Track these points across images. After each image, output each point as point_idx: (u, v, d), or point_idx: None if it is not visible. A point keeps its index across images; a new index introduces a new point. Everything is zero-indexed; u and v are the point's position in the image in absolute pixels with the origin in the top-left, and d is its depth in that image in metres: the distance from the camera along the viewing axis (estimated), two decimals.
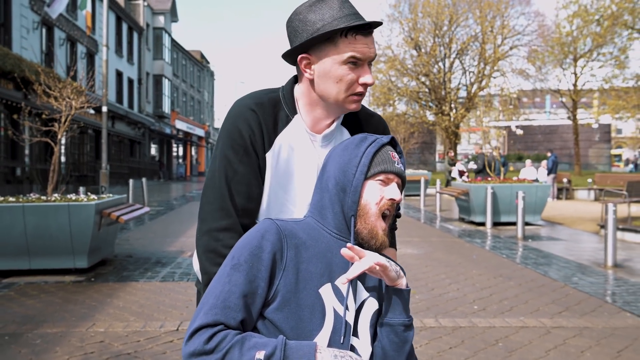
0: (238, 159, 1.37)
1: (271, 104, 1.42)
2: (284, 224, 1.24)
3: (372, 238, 1.26)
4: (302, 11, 1.37)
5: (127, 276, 6.10)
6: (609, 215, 7.12)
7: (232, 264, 1.19)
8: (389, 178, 1.28)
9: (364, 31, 1.32)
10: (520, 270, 6.78)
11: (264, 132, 1.39)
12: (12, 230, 5.81)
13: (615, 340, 4.13)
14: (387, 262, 1.22)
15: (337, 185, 1.27)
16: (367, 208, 1.25)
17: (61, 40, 20.18)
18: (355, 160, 1.27)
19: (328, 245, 1.26)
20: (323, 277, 1.22)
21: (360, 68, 1.34)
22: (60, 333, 4.07)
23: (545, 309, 4.97)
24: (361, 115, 1.53)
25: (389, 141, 1.33)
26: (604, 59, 24.95)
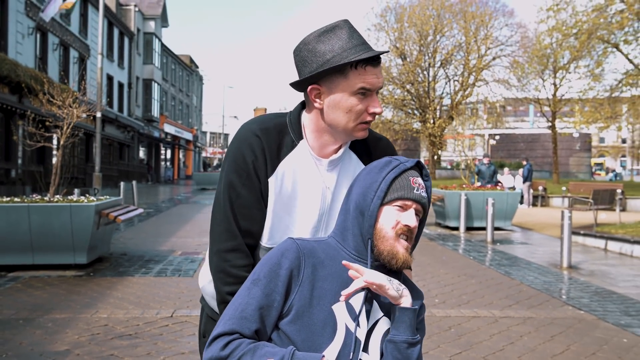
0: (241, 182, 1.42)
1: (277, 130, 1.45)
2: (304, 244, 1.32)
3: (392, 258, 1.29)
4: (311, 41, 1.38)
5: (123, 272, 6.67)
6: (565, 221, 7.81)
7: (253, 279, 1.29)
8: (406, 204, 1.31)
9: (373, 62, 1.36)
10: (484, 270, 7.44)
11: (267, 158, 1.42)
12: (18, 228, 6.35)
13: (552, 327, 4.78)
14: (387, 281, 1.25)
15: (357, 208, 1.32)
16: (384, 232, 1.29)
17: (54, 45, 20.68)
18: (375, 185, 1.31)
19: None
20: (338, 295, 1.27)
21: (369, 98, 1.37)
22: (68, 318, 4.63)
23: (497, 302, 5.62)
24: (369, 139, 1.54)
25: (413, 165, 1.36)
26: (581, 72, 25.90)
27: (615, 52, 23.54)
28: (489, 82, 33.21)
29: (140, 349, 3.91)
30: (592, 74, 23.99)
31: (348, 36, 1.36)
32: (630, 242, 9.12)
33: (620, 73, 24.22)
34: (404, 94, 33.36)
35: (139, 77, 34.69)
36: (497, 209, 11.39)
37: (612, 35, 22.74)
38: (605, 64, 27.05)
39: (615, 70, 24.68)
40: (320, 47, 1.36)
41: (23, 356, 3.70)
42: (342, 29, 1.37)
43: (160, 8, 36.43)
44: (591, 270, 7.65)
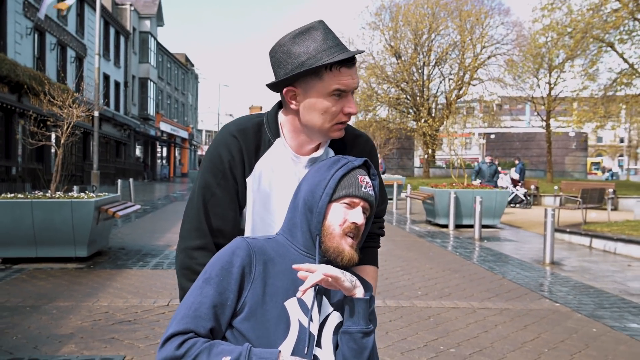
0: (216, 182, 1.45)
1: (254, 130, 1.47)
2: (254, 242, 1.33)
3: (338, 255, 1.31)
4: (286, 43, 1.38)
5: (121, 264, 6.95)
6: (548, 219, 8.12)
7: (204, 278, 1.28)
8: (354, 202, 1.33)
9: (348, 63, 1.36)
10: (468, 265, 7.75)
11: (244, 158, 1.45)
12: (22, 223, 6.62)
13: (527, 318, 5.08)
14: (341, 273, 1.28)
15: (305, 205, 1.34)
16: (331, 229, 1.32)
17: (52, 45, 20.96)
18: (323, 182, 1.33)
19: (295, 261, 1.32)
20: (289, 292, 1.30)
21: (344, 99, 1.38)
22: (71, 306, 4.92)
23: (477, 295, 5.92)
24: (348, 136, 1.55)
25: (361, 164, 1.39)
26: (575, 71, 26.25)
27: (610, 51, 23.84)
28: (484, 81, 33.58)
29: (139, 333, 4.20)
30: (587, 73, 24.33)
31: (323, 37, 1.36)
32: (614, 239, 9.44)
33: (615, 72, 24.56)
34: (398, 93, 33.63)
35: (135, 75, 34.90)
36: (485, 207, 11.71)
37: (607, 35, 23.03)
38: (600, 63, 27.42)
39: (610, 70, 24.93)
40: (295, 48, 1.36)
41: (31, 338, 3.99)
42: (317, 30, 1.37)
43: (155, 7, 36.66)
44: (573, 267, 7.96)
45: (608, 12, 22.18)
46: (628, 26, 22.66)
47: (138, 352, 3.77)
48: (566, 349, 4.19)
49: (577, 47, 23.65)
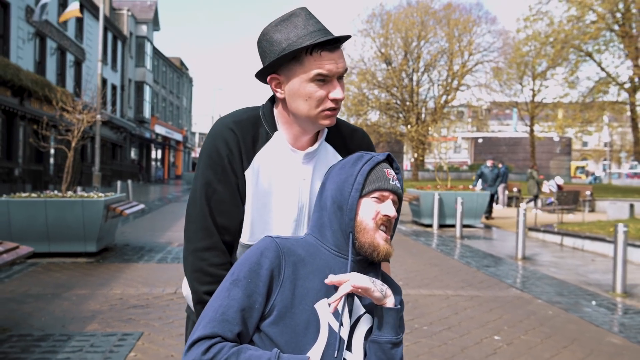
0: (217, 178, 1.40)
1: (250, 122, 1.44)
2: (283, 242, 1.29)
3: (374, 250, 1.28)
4: (269, 31, 1.37)
5: (128, 259, 7.57)
6: (520, 218, 8.81)
7: (232, 280, 1.24)
8: (383, 195, 1.31)
9: (329, 47, 1.33)
10: (447, 261, 8.42)
11: (242, 151, 1.41)
12: (36, 220, 7.22)
13: (494, 303, 5.75)
14: (371, 282, 1.25)
15: (334, 203, 1.31)
16: (364, 224, 1.29)
17: (52, 50, 21.56)
18: (351, 179, 1.30)
19: (326, 262, 1.29)
20: (319, 293, 1.26)
21: (329, 84, 1.35)
22: (88, 294, 5.53)
23: (452, 285, 6.59)
24: (344, 131, 1.54)
25: (385, 158, 1.37)
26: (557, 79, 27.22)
27: (589, 60, 24.82)
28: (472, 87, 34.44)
29: (153, 314, 4.83)
30: (567, 81, 25.26)
31: (304, 23, 1.34)
32: (582, 237, 10.16)
33: (593, 80, 25.54)
34: (388, 98, 34.37)
35: (131, 79, 35.49)
36: (467, 207, 12.41)
37: (586, 45, 24.02)
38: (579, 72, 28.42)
39: (589, 78, 25.94)
40: (277, 36, 1.35)
41: (58, 319, 4.60)
42: (298, 17, 1.36)
43: (152, 12, 37.29)
44: (542, 261, 8.66)
45: (587, 24, 23.11)
46: (605, 37, 23.66)
47: (154, 330, 4.39)
48: (523, 327, 4.86)
49: (558, 56, 24.59)
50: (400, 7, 34.61)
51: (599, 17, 22.34)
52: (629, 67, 24.05)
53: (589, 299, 6.05)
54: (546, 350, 4.22)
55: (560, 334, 4.68)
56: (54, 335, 4.12)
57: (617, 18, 23.20)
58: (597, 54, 24.25)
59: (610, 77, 24.20)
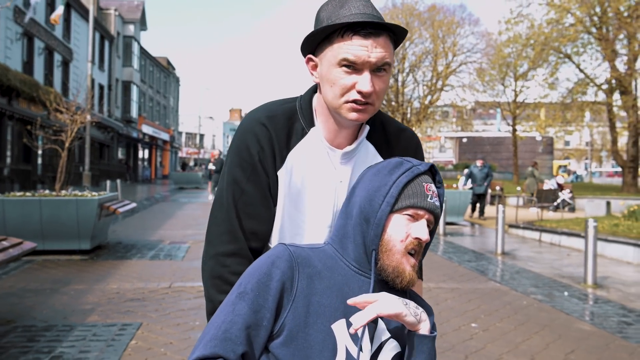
0: (246, 177, 1.28)
1: (285, 116, 1.31)
2: (298, 251, 1.16)
3: (397, 276, 1.14)
4: (321, 9, 1.27)
5: (121, 256, 7.79)
6: (498, 215, 9.18)
7: (238, 292, 1.12)
8: (418, 214, 1.15)
9: (364, 32, 1.18)
10: (430, 256, 8.74)
11: (275, 148, 1.29)
12: (30, 218, 7.42)
13: (472, 295, 6.08)
14: (404, 306, 1.09)
15: (361, 214, 1.17)
16: (391, 244, 1.14)
17: (40, 50, 21.62)
18: (384, 189, 1.15)
19: (345, 278, 1.16)
20: (337, 312, 1.13)
21: (359, 73, 1.20)
22: (86, 288, 5.77)
23: (434, 279, 6.91)
24: (390, 129, 1.40)
25: (427, 169, 1.21)
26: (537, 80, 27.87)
27: (568, 62, 25.47)
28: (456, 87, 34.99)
29: (149, 307, 5.09)
30: (547, 83, 25.90)
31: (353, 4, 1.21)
32: (558, 233, 10.58)
33: (572, 82, 26.25)
34: None
35: (118, 79, 35.49)
36: (450, 205, 12.79)
37: (565, 47, 24.67)
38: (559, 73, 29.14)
39: (568, 80, 26.64)
40: (322, 14, 1.24)
41: (59, 312, 4.84)
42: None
43: (139, 12, 37.30)
44: (520, 256, 9.04)
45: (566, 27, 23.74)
46: (583, 39, 24.35)
47: (152, 320, 4.65)
48: (498, 315, 5.20)
49: (538, 58, 25.23)
50: (386, 8, 34.98)
51: (577, 21, 22.96)
52: (606, 69, 24.76)
53: (562, 290, 6.41)
54: (518, 335, 4.55)
55: (533, 321, 5.02)
56: (57, 326, 4.37)
57: (594, 21, 23.86)
58: (576, 56, 24.91)
59: (588, 79, 24.87)
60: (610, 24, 23.44)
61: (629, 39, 23.23)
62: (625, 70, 23.52)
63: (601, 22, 23.59)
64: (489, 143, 45.93)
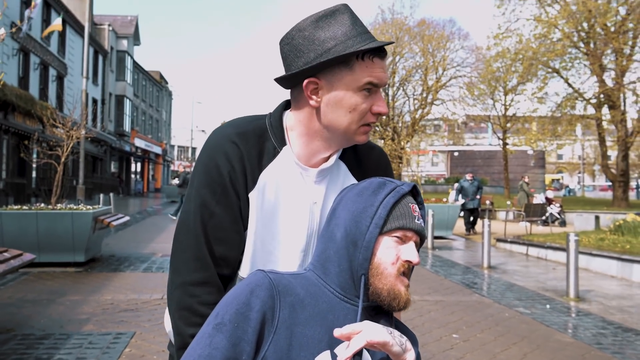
0: (215, 199, 1.20)
1: (256, 134, 1.25)
2: (279, 278, 1.09)
3: (394, 299, 1.09)
4: (307, 27, 1.19)
5: (115, 268, 7.96)
6: (485, 229, 9.43)
7: (215, 323, 1.04)
8: (407, 236, 1.11)
9: (381, 54, 1.19)
10: (417, 269, 8.94)
11: (246, 168, 1.22)
12: (27, 231, 7.58)
13: (456, 307, 6.29)
14: (389, 335, 1.02)
15: (347, 236, 1.10)
16: (382, 268, 1.08)
17: (35, 65, 21.91)
18: (371, 210, 1.10)
19: (330, 305, 1.09)
20: (322, 343, 1.06)
21: (374, 96, 1.20)
22: (81, 299, 5.93)
23: (420, 291, 7.12)
24: (361, 148, 1.36)
25: (410, 190, 1.17)
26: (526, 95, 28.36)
27: (557, 76, 25.96)
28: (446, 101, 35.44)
29: (142, 317, 5.26)
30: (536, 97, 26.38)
31: (351, 22, 1.19)
32: (545, 247, 10.83)
33: (561, 96, 26.75)
34: None
35: (111, 93, 35.73)
36: (438, 219, 13.02)
37: (553, 62, 25.17)
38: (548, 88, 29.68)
39: (556, 94, 27.15)
40: (320, 33, 1.17)
41: (56, 321, 5.01)
42: (343, 14, 1.20)
43: (132, 27, 37.68)
44: (506, 269, 9.27)
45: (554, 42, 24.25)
46: (571, 54, 24.86)
47: (145, 329, 4.82)
48: (480, 327, 5.40)
49: (527, 72, 25.71)
50: (376, 23, 35.46)
51: (564, 36, 23.45)
52: (594, 83, 25.26)
53: (544, 303, 6.63)
54: (497, 346, 4.76)
55: (513, 332, 5.23)
56: (55, 335, 4.53)
57: (582, 36, 24.34)
58: (564, 71, 25.39)
59: (577, 93, 25.34)
60: (597, 39, 23.88)
61: (616, 54, 23.58)
62: (614, 84, 23.85)
63: (588, 37, 24.02)
64: (481, 157, 46.38)
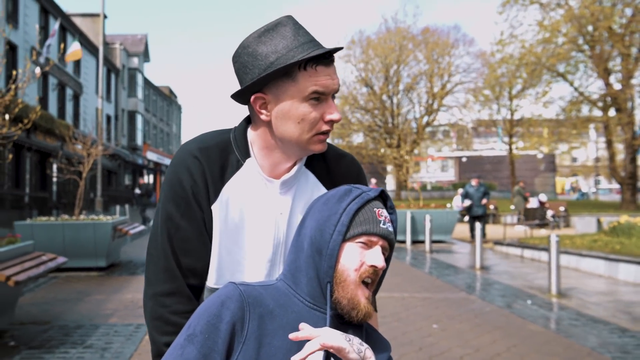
0: (180, 213, 1.24)
1: (219, 148, 1.27)
2: (249, 290, 1.11)
3: (353, 309, 1.10)
4: (251, 43, 1.19)
5: (133, 272, 8.72)
6: (477, 232, 10.05)
7: (187, 334, 1.07)
8: (371, 241, 1.12)
9: (325, 60, 1.17)
10: (411, 271, 9.59)
11: (208, 182, 1.24)
12: (54, 239, 8.37)
13: (442, 303, 6.90)
14: (346, 342, 1.05)
15: (312, 245, 1.13)
16: (345, 275, 1.10)
17: (53, 86, 23.20)
18: (335, 217, 1.12)
19: (299, 315, 1.11)
20: (290, 353, 1.07)
21: (324, 103, 1.19)
22: (105, 298, 6.67)
23: (410, 289, 7.73)
24: (330, 156, 1.36)
25: (377, 195, 1.18)
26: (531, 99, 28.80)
27: (561, 80, 26.29)
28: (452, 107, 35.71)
29: None
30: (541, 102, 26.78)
31: (293, 33, 1.18)
32: (539, 249, 11.39)
33: (565, 100, 27.09)
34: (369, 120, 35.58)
35: (124, 109, 36.96)
36: (437, 224, 13.64)
37: (558, 65, 25.51)
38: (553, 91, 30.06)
39: (561, 98, 27.45)
40: (262, 48, 1.18)
41: (85, 315, 5.75)
42: (285, 26, 1.19)
43: (142, 45, 39.09)
44: (498, 270, 9.85)
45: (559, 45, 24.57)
46: (576, 57, 25.20)
47: None
48: (459, 319, 6.00)
49: (531, 77, 26.10)
50: (380, 32, 35.90)
51: (568, 40, 23.77)
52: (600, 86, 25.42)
53: (525, 299, 7.19)
54: (472, 334, 5.35)
55: (489, 324, 5.79)
56: (85, 326, 5.28)
57: (587, 39, 24.44)
58: (569, 75, 25.62)
59: (583, 96, 25.59)
60: (602, 42, 24.00)
61: (623, 57, 23.63)
62: (620, 87, 23.85)
63: (593, 41, 24.15)
64: (489, 162, 46.66)
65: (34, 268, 4.74)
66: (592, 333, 5.47)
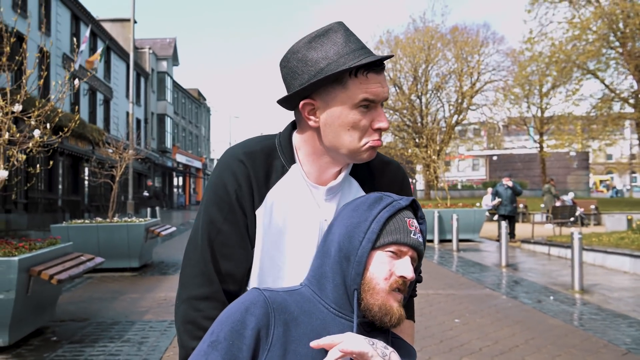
0: (222, 217, 1.24)
1: (264, 153, 1.27)
2: (274, 296, 1.10)
3: (385, 315, 1.08)
4: (301, 49, 1.20)
5: (165, 272, 9.04)
6: (502, 230, 10.09)
7: (211, 341, 1.06)
8: (401, 250, 1.10)
9: (376, 68, 1.18)
10: (437, 268, 9.70)
11: (253, 186, 1.24)
12: (89, 241, 8.74)
13: (465, 299, 7.03)
14: (370, 346, 1.03)
15: (340, 251, 1.11)
16: (374, 283, 1.08)
17: (85, 91, 23.86)
18: (364, 225, 1.11)
19: (324, 322, 1.10)
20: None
21: (373, 111, 1.19)
22: (139, 297, 6.98)
23: (435, 286, 7.85)
24: (374, 163, 1.33)
25: (408, 204, 1.16)
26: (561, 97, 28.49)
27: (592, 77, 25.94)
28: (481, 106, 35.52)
29: None
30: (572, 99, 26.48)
31: (344, 40, 1.18)
32: (565, 247, 11.34)
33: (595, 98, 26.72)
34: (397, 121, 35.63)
35: (153, 112, 37.77)
36: (464, 223, 13.67)
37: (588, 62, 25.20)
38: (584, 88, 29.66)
39: (592, 96, 27.10)
40: (312, 54, 1.18)
41: (121, 312, 6.05)
42: (336, 33, 1.20)
43: (171, 49, 39.81)
44: (523, 268, 9.89)
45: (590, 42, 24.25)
46: (607, 54, 24.85)
47: None
48: (481, 314, 6.13)
49: (560, 75, 25.84)
50: (408, 32, 35.92)
51: (598, 37, 23.49)
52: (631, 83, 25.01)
53: (547, 295, 7.27)
54: (492, 327, 5.49)
55: (510, 318, 5.92)
56: (122, 322, 5.58)
57: (617, 36, 24.18)
58: (600, 72, 25.32)
59: (614, 94, 25.24)
60: (634, 39, 23.73)
61: None
62: None
63: (624, 37, 23.92)
64: (520, 160, 46.08)
65: (74, 267, 5.05)
66: (610, 327, 5.55)
